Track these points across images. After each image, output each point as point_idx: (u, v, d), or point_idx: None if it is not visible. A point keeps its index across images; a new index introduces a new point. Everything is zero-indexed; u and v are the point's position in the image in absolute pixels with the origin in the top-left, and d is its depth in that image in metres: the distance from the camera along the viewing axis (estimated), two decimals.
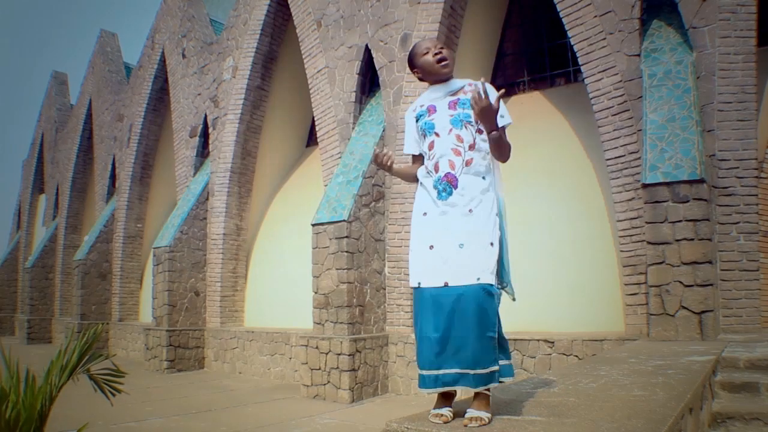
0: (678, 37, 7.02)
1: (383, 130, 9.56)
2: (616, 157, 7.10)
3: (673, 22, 7.09)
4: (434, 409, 2.86)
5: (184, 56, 15.42)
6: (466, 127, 2.98)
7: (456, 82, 3.10)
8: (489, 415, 2.74)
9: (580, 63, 7.54)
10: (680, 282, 5.90)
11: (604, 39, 7.32)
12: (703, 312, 5.82)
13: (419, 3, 9.20)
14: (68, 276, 20.70)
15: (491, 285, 2.83)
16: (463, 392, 2.96)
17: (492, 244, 2.86)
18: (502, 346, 2.92)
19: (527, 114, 9.46)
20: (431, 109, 3.05)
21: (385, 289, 9.26)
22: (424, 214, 2.95)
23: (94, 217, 19.79)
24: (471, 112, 2.97)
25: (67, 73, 25.26)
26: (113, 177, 18.89)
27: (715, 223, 6.57)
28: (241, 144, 13.41)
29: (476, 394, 2.81)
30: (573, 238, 8.22)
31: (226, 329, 12.50)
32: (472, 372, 2.76)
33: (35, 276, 21.70)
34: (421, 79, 3.18)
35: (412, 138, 3.18)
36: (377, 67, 9.82)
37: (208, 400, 8.80)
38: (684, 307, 5.88)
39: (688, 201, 5.88)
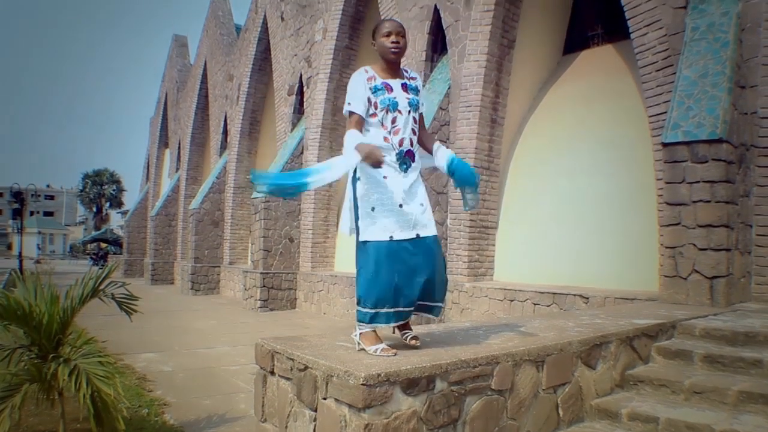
0: None
1: (449, 88, 10.02)
2: (657, 114, 7.19)
3: None
4: (383, 344, 3.33)
5: (282, 19, 16.39)
6: (417, 110, 3.54)
7: (402, 70, 3.60)
8: None
9: (626, 17, 7.57)
10: (694, 245, 5.90)
11: None
12: (715, 277, 5.79)
13: None
14: (189, 223, 22.77)
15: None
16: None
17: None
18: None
19: (594, 69, 9.60)
20: (388, 87, 3.45)
21: (446, 239, 9.84)
22: (384, 177, 3.37)
23: (211, 169, 21.55)
24: (419, 98, 3.56)
25: (187, 35, 27.18)
26: (225, 132, 20.46)
27: (753, 185, 6.54)
28: (332, 101, 14.27)
29: (407, 322, 3.52)
30: (618, 197, 8.42)
31: (315, 273, 13.60)
32: (440, 304, 3.54)
33: (159, 223, 24.06)
34: (376, 50, 3.62)
35: (363, 100, 3.39)
36: (444, 27, 10.23)
37: (281, 335, 9.85)
38: (696, 271, 5.87)
39: (706, 161, 5.86)
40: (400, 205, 3.35)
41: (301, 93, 15.55)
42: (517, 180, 10.12)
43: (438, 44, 10.81)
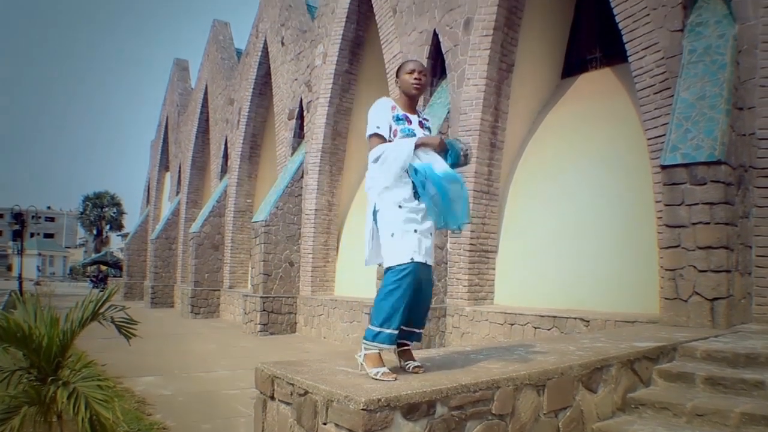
0: (724, 8, 6.86)
1: (448, 112, 10.09)
2: (655, 137, 7.23)
3: None
4: (385, 367, 3.36)
5: (283, 44, 16.55)
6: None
7: (419, 109, 3.78)
8: None
9: (624, 40, 7.62)
10: (694, 267, 5.89)
11: (648, 15, 7.38)
12: (715, 299, 5.78)
13: None
14: (189, 247, 22.76)
15: None
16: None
17: None
18: None
19: (593, 92, 9.68)
20: (407, 119, 3.61)
21: (446, 263, 9.84)
22: (400, 206, 3.46)
23: (211, 193, 21.60)
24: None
25: (188, 60, 27.42)
26: (226, 156, 20.54)
27: (752, 206, 6.54)
28: (332, 126, 14.33)
29: (409, 350, 3.64)
30: (618, 219, 8.43)
31: (315, 297, 13.57)
32: (422, 331, 3.73)
33: (159, 246, 24.07)
34: (399, 86, 3.76)
35: (388, 124, 3.58)
36: (443, 51, 10.33)
37: (281, 359, 9.80)
38: (697, 293, 5.86)
39: (705, 183, 5.88)
40: (415, 231, 3.44)
41: (301, 117, 15.64)
42: (516, 203, 10.14)
43: (437, 69, 10.89)
